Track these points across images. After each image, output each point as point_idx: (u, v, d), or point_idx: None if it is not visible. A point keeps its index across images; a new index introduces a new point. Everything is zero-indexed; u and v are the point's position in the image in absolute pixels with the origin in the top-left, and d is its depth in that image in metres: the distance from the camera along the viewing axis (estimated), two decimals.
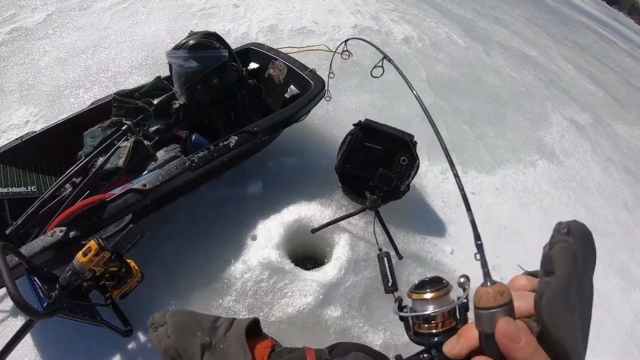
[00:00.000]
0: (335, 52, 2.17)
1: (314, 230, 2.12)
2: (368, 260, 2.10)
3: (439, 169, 3.02)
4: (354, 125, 2.29)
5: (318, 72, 2.54)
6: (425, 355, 0.57)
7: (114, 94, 2.12)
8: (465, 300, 0.56)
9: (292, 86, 2.54)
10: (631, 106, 6.75)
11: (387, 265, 1.90)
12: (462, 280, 0.55)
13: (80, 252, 1.31)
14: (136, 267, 1.53)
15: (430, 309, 0.56)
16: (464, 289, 0.54)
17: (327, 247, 2.15)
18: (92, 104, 2.16)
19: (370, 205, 2.16)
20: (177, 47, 2.12)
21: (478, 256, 0.52)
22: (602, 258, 2.97)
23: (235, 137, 1.99)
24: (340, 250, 2.07)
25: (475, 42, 5.78)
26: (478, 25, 6.73)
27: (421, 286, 0.60)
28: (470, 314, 0.49)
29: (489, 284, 0.43)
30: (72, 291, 1.37)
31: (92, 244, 1.31)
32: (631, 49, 13.28)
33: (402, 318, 0.62)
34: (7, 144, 1.92)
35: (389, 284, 1.86)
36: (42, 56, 3.18)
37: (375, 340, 1.87)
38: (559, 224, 0.41)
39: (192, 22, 3.96)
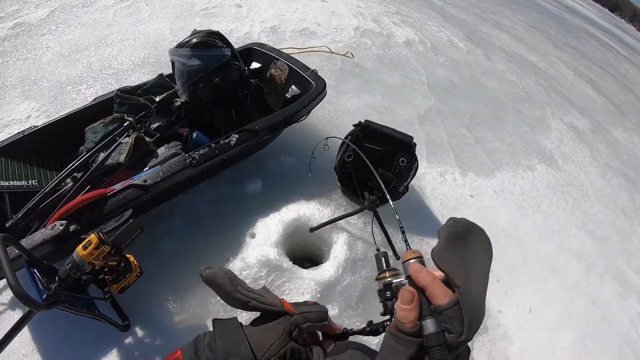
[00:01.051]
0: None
1: (313, 229, 2.13)
2: (365, 259, 2.12)
3: (438, 171, 3.04)
4: (354, 126, 2.30)
5: (319, 73, 2.55)
6: (387, 322, 0.79)
7: (117, 90, 2.13)
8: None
9: (293, 86, 2.56)
10: (630, 112, 6.78)
11: (384, 265, 1.91)
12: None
13: (80, 245, 1.32)
14: (135, 262, 1.54)
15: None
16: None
17: (325, 246, 2.17)
18: (94, 99, 2.17)
19: (368, 205, 2.17)
20: (180, 45, 2.13)
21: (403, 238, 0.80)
22: (598, 263, 2.99)
23: (236, 136, 2.00)
24: (338, 250, 2.08)
25: (476, 47, 5.81)
26: (479, 30, 6.76)
27: (382, 271, 0.85)
28: None
29: (408, 248, 0.68)
30: (71, 284, 1.38)
31: (92, 237, 1.31)
32: (632, 56, 13.34)
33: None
34: (8, 137, 1.93)
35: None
36: (44, 52, 3.19)
37: (371, 339, 1.87)
38: (449, 218, 0.60)
39: (194, 21, 3.98)
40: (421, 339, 0.56)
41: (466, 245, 0.58)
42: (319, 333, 0.92)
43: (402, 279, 0.76)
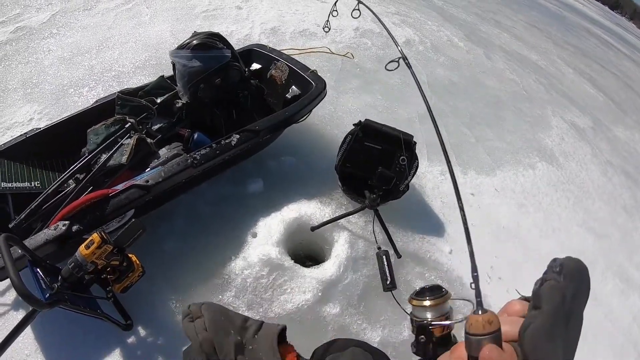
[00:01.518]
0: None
1: (314, 228, 2.14)
2: (367, 258, 2.13)
3: (439, 169, 3.04)
4: (354, 125, 2.31)
5: (320, 74, 2.57)
6: None
7: (118, 92, 2.15)
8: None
9: (293, 87, 2.57)
10: (631, 110, 6.77)
11: (385, 263, 1.92)
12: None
13: (82, 245, 1.34)
14: (137, 262, 1.55)
15: (428, 316, 0.62)
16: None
17: (327, 245, 2.18)
18: (95, 102, 2.19)
19: (369, 204, 2.18)
20: (181, 47, 2.15)
21: (473, 286, 0.58)
22: (600, 261, 2.99)
23: (237, 136, 2.02)
24: (340, 248, 2.09)
25: (476, 46, 5.82)
26: (479, 29, 6.77)
27: (421, 293, 0.67)
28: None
29: (480, 312, 0.46)
30: (73, 283, 1.39)
31: (94, 236, 1.33)
32: (632, 54, 13.31)
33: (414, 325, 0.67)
34: (11, 140, 1.95)
35: (387, 282, 1.89)
36: (46, 55, 3.22)
37: (373, 337, 1.88)
38: (554, 260, 0.44)
39: (195, 24, 4.00)
40: None
41: (570, 317, 0.43)
42: None
43: (445, 321, 0.65)
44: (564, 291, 0.41)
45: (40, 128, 2.00)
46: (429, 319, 0.63)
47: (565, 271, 0.43)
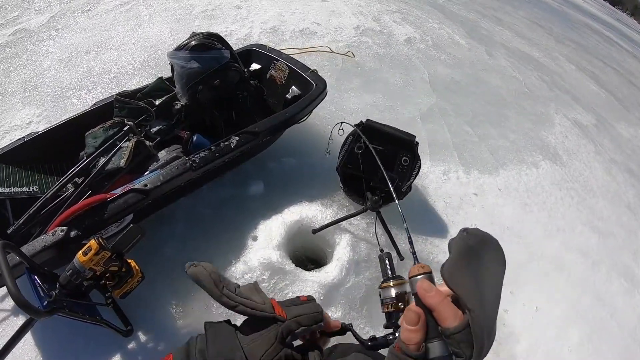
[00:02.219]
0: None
1: (315, 231, 2.11)
2: (369, 261, 2.10)
3: (441, 169, 3.02)
4: (355, 125, 2.29)
5: (321, 73, 2.54)
6: (391, 335, 0.75)
7: (116, 94, 2.12)
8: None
9: (293, 87, 2.55)
10: (634, 107, 6.73)
11: (388, 266, 1.89)
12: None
13: (80, 251, 1.31)
14: (137, 267, 1.53)
15: (392, 292, 0.75)
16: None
17: (328, 248, 2.15)
18: (94, 104, 2.17)
19: (371, 206, 2.16)
20: (179, 48, 2.12)
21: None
22: (605, 260, 2.95)
23: (237, 138, 1.99)
24: (342, 251, 2.07)
25: (477, 43, 5.78)
26: (480, 26, 6.72)
27: (386, 279, 0.80)
28: None
29: (416, 262, 0.65)
30: (72, 290, 1.37)
31: (92, 243, 1.31)
32: (634, 50, 13.24)
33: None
34: (9, 144, 1.92)
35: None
36: (45, 57, 3.20)
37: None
38: (462, 229, 0.57)
39: (194, 24, 3.98)
40: None
41: (479, 260, 0.54)
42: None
43: (408, 289, 0.74)
44: (466, 240, 0.54)
45: (38, 132, 1.98)
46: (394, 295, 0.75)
47: (469, 232, 0.56)
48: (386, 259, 1.91)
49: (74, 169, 1.84)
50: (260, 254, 1.95)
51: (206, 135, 2.20)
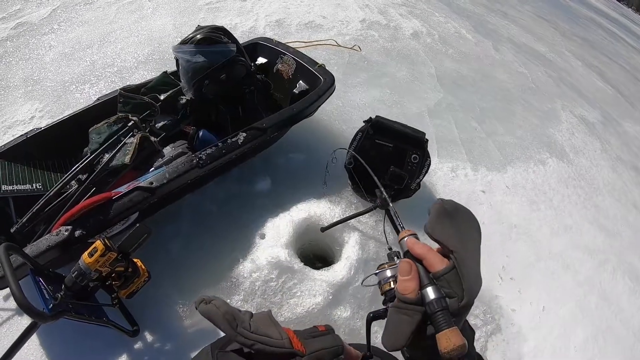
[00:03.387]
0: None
1: (324, 229, 2.08)
2: (378, 259, 2.07)
3: (449, 166, 2.97)
4: (364, 122, 2.24)
5: (327, 67, 2.49)
6: (389, 304, 0.74)
7: (120, 89, 2.08)
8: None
9: (300, 81, 2.50)
10: None
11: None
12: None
13: (86, 253, 1.28)
14: (143, 267, 1.50)
15: (388, 273, 0.76)
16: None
17: (337, 246, 2.11)
18: (97, 99, 2.13)
19: (380, 204, 2.11)
20: (184, 42, 2.07)
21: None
22: (611, 259, 2.92)
23: (244, 134, 1.95)
24: (350, 250, 2.03)
25: (484, 38, 5.70)
26: (487, 21, 6.64)
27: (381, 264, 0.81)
28: None
29: (402, 229, 0.72)
30: (78, 292, 1.34)
31: (98, 244, 1.27)
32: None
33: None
34: (11, 140, 1.89)
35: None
36: (47, 51, 3.15)
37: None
38: (438, 198, 0.65)
39: (198, 16, 3.92)
40: (424, 307, 0.57)
41: (456, 220, 0.61)
42: None
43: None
44: (442, 205, 0.61)
45: (41, 128, 1.94)
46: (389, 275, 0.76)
47: (444, 200, 0.62)
48: (395, 257, 1.88)
49: (78, 166, 1.80)
50: (268, 252, 1.92)
51: (212, 130, 2.16)
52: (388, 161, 2.20)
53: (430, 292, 0.57)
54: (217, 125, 2.23)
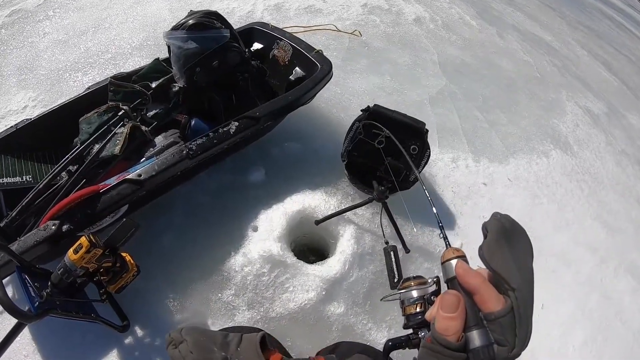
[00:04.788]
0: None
1: (318, 222, 2.04)
2: (374, 253, 2.03)
3: (450, 157, 2.91)
4: (362, 110, 2.18)
5: (326, 53, 2.42)
6: (413, 335, 0.69)
7: (111, 77, 2.02)
8: (436, 288, 0.72)
9: (297, 68, 2.43)
10: None
11: (393, 259, 1.81)
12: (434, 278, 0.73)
13: (71, 249, 1.25)
14: (132, 261, 1.47)
15: (415, 293, 0.71)
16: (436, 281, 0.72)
17: (332, 240, 2.08)
18: (87, 88, 2.07)
19: (377, 196, 2.07)
20: (175, 28, 2.00)
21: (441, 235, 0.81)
22: (613, 256, 2.86)
23: (236, 123, 1.89)
24: (345, 243, 2.00)
25: (488, 25, 5.56)
26: (492, 7, 6.48)
27: (407, 279, 0.76)
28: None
29: (448, 247, 0.60)
30: (64, 288, 1.31)
31: (82, 240, 1.24)
32: None
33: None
34: (1, 132, 1.86)
35: (395, 280, 1.78)
36: (41, 38, 3.09)
37: (378, 338, 1.81)
38: (495, 213, 0.56)
39: (195, 1, 3.82)
40: (466, 354, 0.49)
41: (515, 247, 0.52)
42: None
43: (431, 288, 0.72)
44: (501, 220, 0.53)
45: (31, 118, 1.90)
46: (416, 296, 0.71)
47: (502, 214, 0.55)
48: (391, 252, 1.84)
49: (68, 157, 1.77)
50: (261, 245, 1.88)
51: (205, 119, 2.11)
52: (386, 152, 2.14)
53: (477, 337, 0.49)
54: (210, 114, 2.18)
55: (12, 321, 1.29)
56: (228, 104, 2.17)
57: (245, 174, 2.27)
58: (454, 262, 0.55)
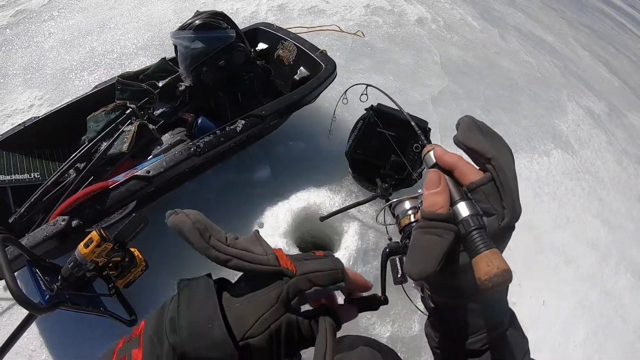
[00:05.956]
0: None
1: (323, 219, 2.06)
2: (377, 250, 2.05)
3: None
4: (365, 109, 2.21)
5: (329, 54, 2.44)
6: (407, 240, 0.71)
7: (118, 76, 2.05)
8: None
9: (301, 68, 2.46)
10: None
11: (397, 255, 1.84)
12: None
13: (81, 244, 1.27)
14: (140, 256, 1.49)
15: (407, 204, 0.74)
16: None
17: (336, 236, 2.10)
18: (95, 87, 2.10)
19: (381, 193, 2.09)
20: (182, 28, 2.03)
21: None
22: (613, 254, 2.88)
23: (243, 121, 1.92)
24: (350, 240, 2.02)
25: (490, 25, 5.59)
26: (493, 8, 6.50)
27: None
28: None
29: (426, 143, 0.63)
30: (74, 282, 1.33)
31: (93, 234, 1.26)
32: None
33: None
34: (9, 130, 1.87)
35: (398, 275, 1.80)
36: (46, 38, 3.12)
37: (382, 332, 1.82)
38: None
39: (199, 1, 3.86)
40: (456, 226, 0.48)
41: (489, 137, 0.52)
42: (339, 295, 0.64)
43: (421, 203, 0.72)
44: (472, 118, 0.54)
45: (38, 117, 1.92)
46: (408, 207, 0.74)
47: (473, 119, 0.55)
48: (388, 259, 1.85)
49: (76, 154, 1.79)
50: (267, 241, 1.90)
51: (211, 117, 2.14)
52: (389, 150, 2.16)
53: (464, 208, 0.48)
54: (216, 113, 2.21)
55: (21, 315, 1.33)
56: (234, 103, 2.20)
57: (251, 171, 2.30)
58: (432, 152, 0.56)
